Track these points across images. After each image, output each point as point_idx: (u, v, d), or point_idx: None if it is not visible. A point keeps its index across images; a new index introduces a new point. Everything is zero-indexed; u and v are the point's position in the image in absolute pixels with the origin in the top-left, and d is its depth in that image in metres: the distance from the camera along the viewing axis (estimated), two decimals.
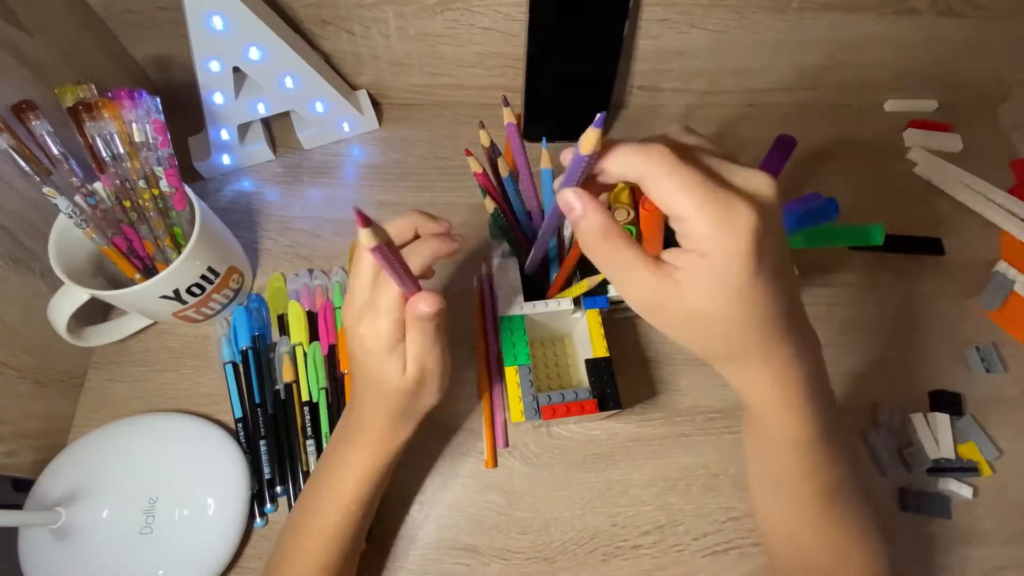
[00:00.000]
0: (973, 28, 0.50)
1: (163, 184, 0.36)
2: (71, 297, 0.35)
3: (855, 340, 0.46)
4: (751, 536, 0.39)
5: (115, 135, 0.34)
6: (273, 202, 0.50)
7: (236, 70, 0.43)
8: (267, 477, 0.38)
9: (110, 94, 0.34)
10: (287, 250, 0.47)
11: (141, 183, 0.36)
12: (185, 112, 0.47)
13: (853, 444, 0.42)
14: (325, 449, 0.34)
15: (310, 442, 0.39)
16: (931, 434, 0.42)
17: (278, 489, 0.38)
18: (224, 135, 0.48)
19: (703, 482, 0.40)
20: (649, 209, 0.32)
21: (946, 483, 0.40)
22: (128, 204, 0.36)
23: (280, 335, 0.43)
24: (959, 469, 0.41)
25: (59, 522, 0.34)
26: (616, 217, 0.34)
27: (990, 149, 0.56)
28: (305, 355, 0.42)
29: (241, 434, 0.39)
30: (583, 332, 0.38)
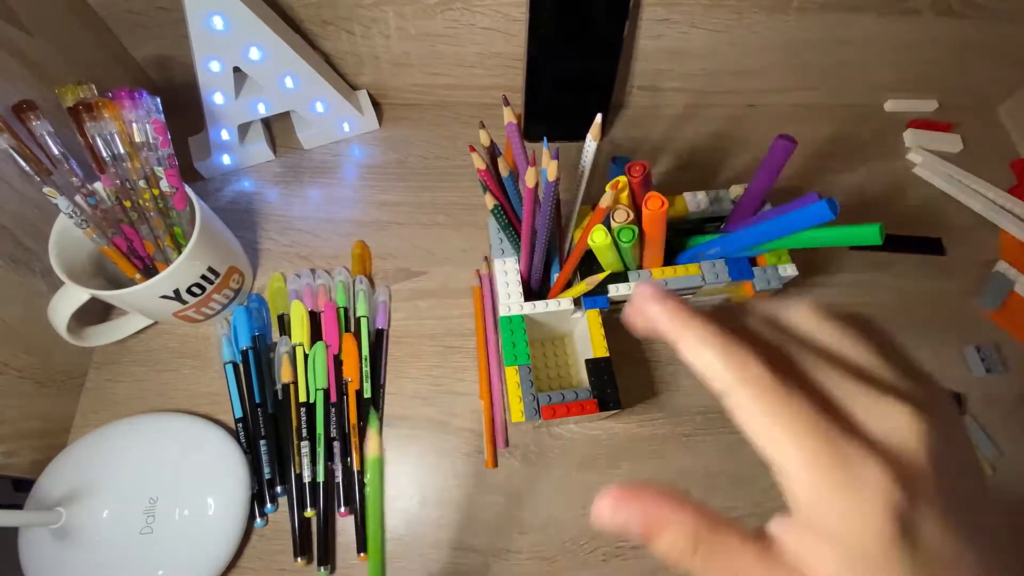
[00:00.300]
0: (973, 28, 0.50)
1: (163, 184, 0.36)
2: (71, 297, 0.35)
3: None
4: None
5: (115, 135, 0.34)
6: (273, 202, 0.50)
7: (236, 70, 0.43)
8: (267, 477, 0.38)
9: (110, 94, 0.34)
10: (287, 250, 0.47)
11: (141, 183, 0.36)
12: (185, 112, 0.47)
13: None
14: None
15: (304, 444, 0.39)
16: None
17: (278, 489, 0.38)
18: (224, 135, 0.48)
19: (703, 482, 0.40)
20: (652, 209, 0.32)
21: None
22: (128, 204, 0.36)
23: (280, 335, 0.43)
24: None
25: (59, 522, 0.34)
26: (616, 218, 0.34)
27: (990, 149, 0.56)
28: (305, 356, 0.42)
29: (241, 434, 0.39)
30: (583, 332, 0.38)
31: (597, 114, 0.31)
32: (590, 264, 0.37)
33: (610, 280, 0.37)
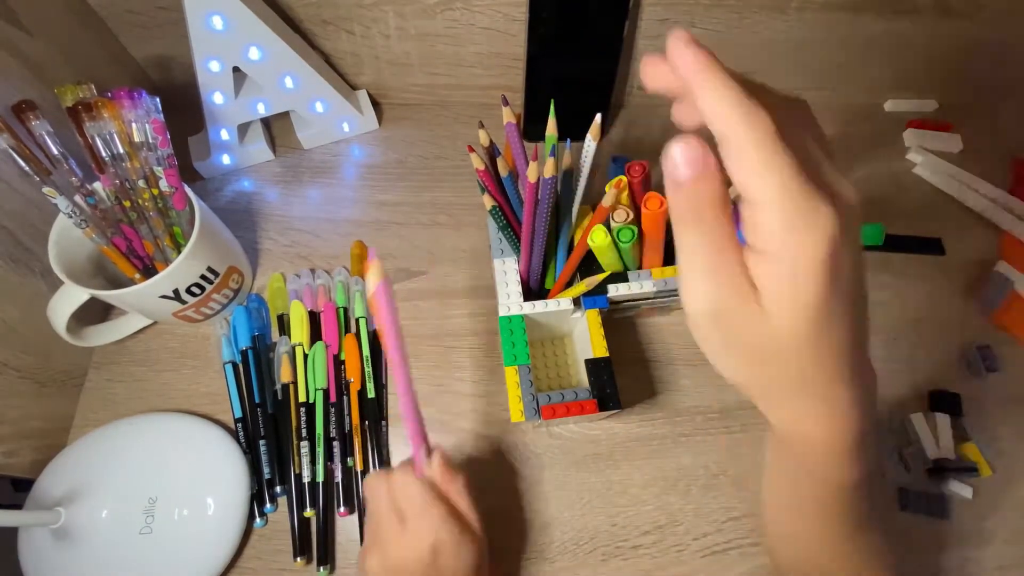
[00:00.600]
0: (973, 28, 0.50)
1: (163, 184, 0.36)
2: (71, 297, 0.35)
3: None
4: (751, 536, 0.39)
5: (115, 135, 0.34)
6: (273, 202, 0.50)
7: (236, 70, 0.43)
8: (267, 477, 0.38)
9: (110, 94, 0.34)
10: (287, 250, 0.47)
11: (141, 183, 0.36)
12: (185, 112, 0.47)
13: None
14: None
15: (304, 444, 0.39)
16: (931, 434, 0.42)
17: (278, 489, 0.38)
18: (224, 135, 0.48)
19: (703, 482, 0.40)
20: (651, 209, 0.32)
21: (946, 483, 0.40)
22: (128, 204, 0.36)
23: (280, 335, 0.43)
24: (959, 469, 0.41)
25: (59, 522, 0.34)
26: (615, 217, 0.34)
27: (990, 149, 0.56)
28: (305, 356, 0.42)
29: (241, 434, 0.39)
30: (583, 332, 0.38)
31: (597, 114, 0.31)
32: (590, 264, 0.37)
33: (610, 280, 0.37)
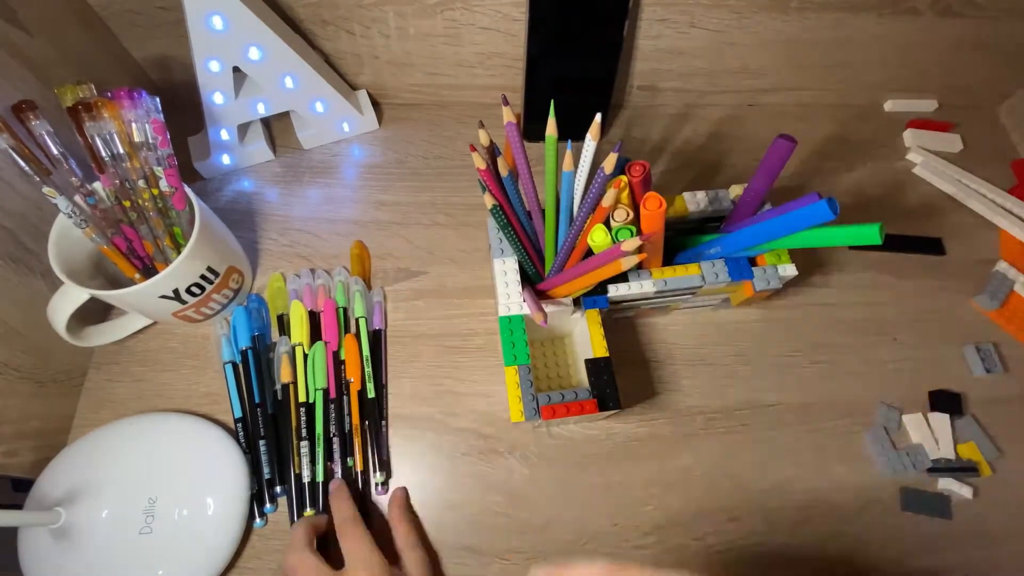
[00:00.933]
0: (973, 28, 0.50)
1: (163, 184, 0.36)
2: (71, 297, 0.35)
3: (855, 340, 0.46)
4: (751, 536, 0.39)
5: (115, 135, 0.34)
6: (273, 202, 0.50)
7: (236, 70, 0.43)
8: (267, 477, 0.38)
9: (110, 94, 0.34)
10: (287, 250, 0.47)
11: (141, 183, 0.36)
12: (185, 112, 0.47)
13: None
14: None
15: (304, 444, 0.39)
16: (931, 434, 0.42)
17: (278, 489, 0.38)
18: (224, 135, 0.48)
19: (703, 482, 0.40)
20: (650, 209, 0.32)
21: (946, 483, 0.40)
22: (128, 204, 0.36)
23: (280, 335, 0.43)
24: (959, 469, 0.41)
25: (59, 522, 0.34)
26: (615, 217, 0.34)
27: (990, 149, 0.56)
28: (305, 356, 0.42)
29: (241, 434, 0.39)
30: (583, 332, 0.38)
31: (597, 114, 0.31)
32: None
33: (610, 280, 0.37)
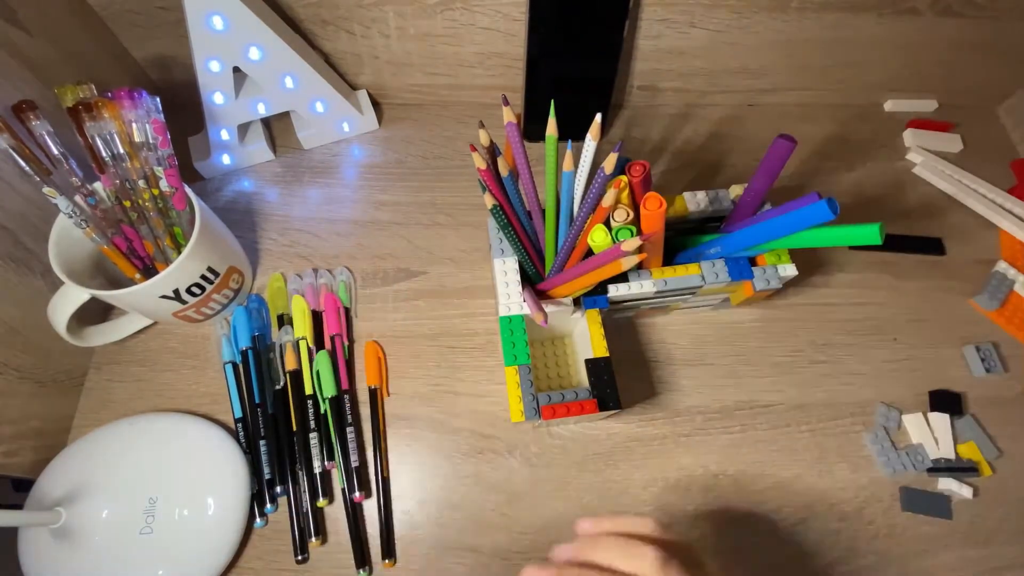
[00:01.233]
0: (973, 28, 0.50)
1: (163, 184, 0.36)
2: (71, 297, 0.35)
3: (855, 340, 0.46)
4: (751, 536, 0.39)
5: (115, 135, 0.34)
6: (273, 202, 0.50)
7: (236, 70, 0.43)
8: (267, 477, 0.38)
9: (110, 94, 0.34)
10: (287, 250, 0.47)
11: (141, 183, 0.36)
12: (185, 112, 0.47)
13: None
14: None
15: (313, 435, 0.39)
16: (931, 434, 0.42)
17: (278, 489, 0.38)
18: (224, 135, 0.48)
19: (703, 482, 0.40)
20: (650, 209, 0.32)
21: (946, 483, 0.40)
22: (128, 204, 0.36)
23: (283, 325, 0.43)
24: (959, 469, 0.41)
25: (59, 522, 0.34)
26: (615, 217, 0.34)
27: (990, 149, 0.56)
28: (310, 350, 0.42)
29: (241, 434, 0.39)
30: (583, 332, 0.38)
31: (597, 114, 0.31)
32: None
33: (610, 280, 0.37)
